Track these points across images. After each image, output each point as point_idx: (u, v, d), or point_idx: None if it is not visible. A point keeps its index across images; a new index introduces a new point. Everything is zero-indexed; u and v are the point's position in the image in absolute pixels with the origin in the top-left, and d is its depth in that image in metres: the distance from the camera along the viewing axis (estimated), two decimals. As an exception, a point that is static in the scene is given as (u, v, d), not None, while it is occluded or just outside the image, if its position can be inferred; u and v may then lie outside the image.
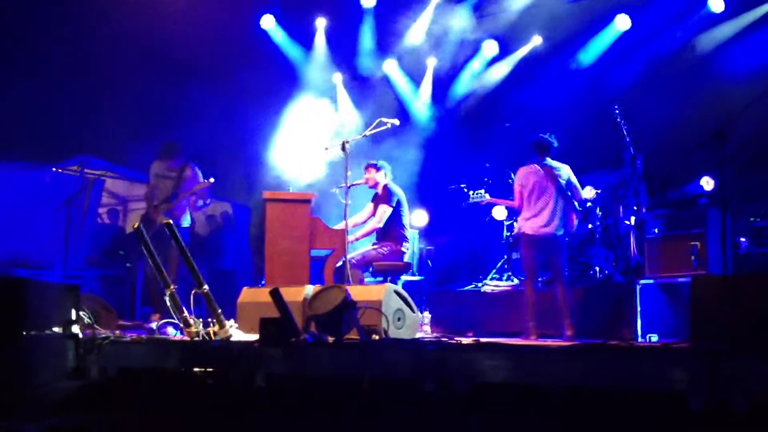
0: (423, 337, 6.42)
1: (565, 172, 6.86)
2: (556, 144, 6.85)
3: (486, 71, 10.67)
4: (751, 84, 7.85)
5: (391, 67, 10.79)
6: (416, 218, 9.60)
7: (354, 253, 7.50)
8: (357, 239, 7.62)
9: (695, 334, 4.55)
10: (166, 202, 7.93)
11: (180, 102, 9.69)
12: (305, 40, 10.94)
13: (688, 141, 5.62)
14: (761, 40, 8.47)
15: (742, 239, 7.14)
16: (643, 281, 6.71)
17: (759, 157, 7.94)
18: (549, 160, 6.84)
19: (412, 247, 8.06)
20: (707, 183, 7.62)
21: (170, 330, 6.38)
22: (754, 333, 4.24)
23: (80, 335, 5.37)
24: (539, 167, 6.81)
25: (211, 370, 5.29)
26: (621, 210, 7.32)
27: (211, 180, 7.97)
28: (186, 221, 8.08)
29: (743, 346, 4.16)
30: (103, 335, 5.73)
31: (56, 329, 5.10)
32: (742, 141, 7.43)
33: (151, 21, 9.67)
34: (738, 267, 6.96)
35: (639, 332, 6.34)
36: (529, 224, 6.81)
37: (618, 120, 6.36)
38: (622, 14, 9.46)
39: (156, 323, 6.74)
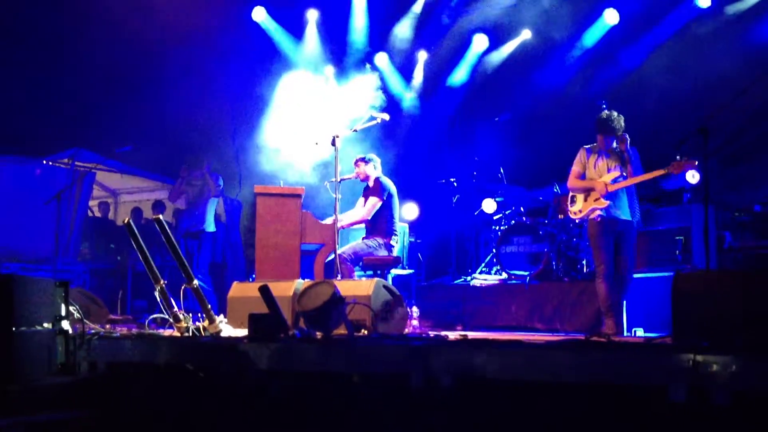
0: (411, 332, 6.48)
1: None
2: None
3: (476, 65, 10.70)
4: (734, 79, 7.90)
5: (381, 61, 10.81)
6: (406, 212, 9.65)
7: (344, 247, 7.54)
8: (343, 227, 7.62)
9: (678, 328, 4.60)
10: (193, 206, 9.05)
11: (172, 96, 9.68)
12: (297, 32, 10.93)
13: (673, 135, 5.67)
14: (744, 34, 8.52)
15: (726, 234, 7.22)
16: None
17: (743, 152, 8.01)
18: None
19: (401, 241, 8.11)
20: (692, 177, 7.67)
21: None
22: (736, 328, 4.30)
23: (70, 331, 5.40)
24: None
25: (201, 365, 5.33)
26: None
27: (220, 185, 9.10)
28: (210, 226, 9.08)
29: (725, 341, 4.22)
30: (93, 330, 5.77)
31: (46, 325, 5.12)
32: (727, 136, 7.50)
33: (143, 14, 9.65)
34: (722, 262, 7.04)
35: (625, 326, 6.41)
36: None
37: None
38: (611, 8, 9.50)
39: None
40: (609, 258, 6.10)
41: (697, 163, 5.83)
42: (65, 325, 5.33)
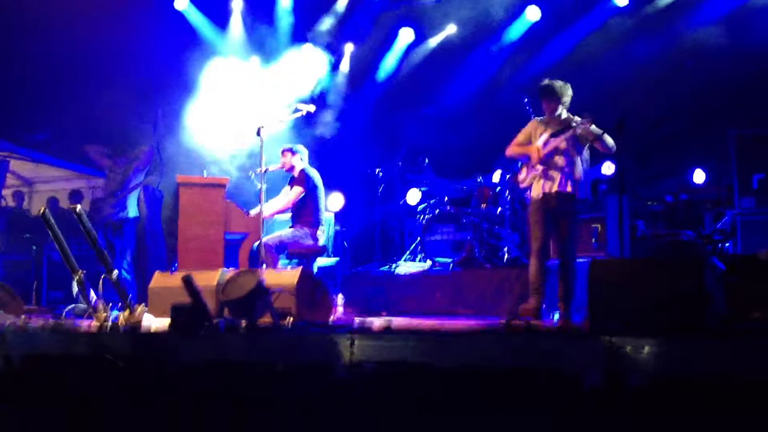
0: (336, 320, 6.51)
1: None
2: None
3: (403, 58, 10.78)
4: (650, 75, 8.22)
5: (307, 51, 10.76)
6: (332, 201, 9.66)
7: (269, 236, 7.50)
8: (266, 217, 7.58)
9: (593, 314, 4.76)
10: (112, 196, 8.80)
11: (90, 83, 9.40)
12: (221, 22, 10.77)
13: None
14: (661, 32, 8.84)
15: (640, 222, 7.51)
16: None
17: (656, 144, 8.33)
18: None
19: (327, 230, 8.12)
20: (608, 168, 7.96)
21: None
22: (649, 313, 4.48)
23: (-18, 323, 5.22)
24: None
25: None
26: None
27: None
28: (132, 211, 8.89)
29: (639, 326, 4.39)
30: (8, 323, 5.59)
31: (-43, 317, 4.95)
32: (641, 129, 7.78)
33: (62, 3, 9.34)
34: (635, 249, 7.32)
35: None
36: None
37: (527, 109, 6.55)
38: (533, 6, 9.70)
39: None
40: (542, 235, 5.97)
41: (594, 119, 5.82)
42: (-22, 317, 5.16)
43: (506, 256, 7.92)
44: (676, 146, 8.41)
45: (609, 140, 5.90)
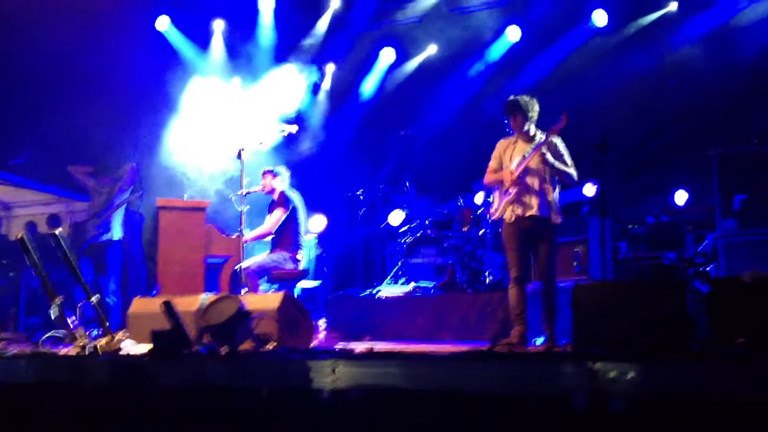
0: (318, 345, 6.45)
1: None
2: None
3: (384, 78, 10.80)
4: (631, 96, 8.26)
5: (288, 72, 10.76)
6: (313, 223, 9.62)
7: (250, 260, 7.45)
8: (246, 241, 7.52)
9: (577, 337, 4.76)
10: (96, 217, 8.46)
11: (69, 107, 9.34)
12: (202, 43, 10.75)
13: (573, 150, 5.85)
14: (642, 51, 8.92)
15: (622, 244, 7.52)
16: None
17: (638, 166, 8.37)
18: None
19: (308, 254, 8.08)
20: (589, 189, 7.96)
21: None
22: (632, 336, 4.48)
23: (-42, 351, 5.13)
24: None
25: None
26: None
27: (137, 194, 8.71)
28: (117, 234, 8.53)
29: (622, 348, 4.39)
30: (-16, 350, 5.49)
31: (-69, 345, 4.85)
32: (624, 151, 7.82)
33: (38, 20, 9.28)
34: (617, 271, 7.33)
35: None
36: None
37: (507, 130, 6.55)
38: (513, 25, 9.77)
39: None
40: (518, 261, 5.72)
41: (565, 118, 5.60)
42: (-48, 345, 5.07)
43: (488, 279, 7.91)
44: (659, 166, 8.45)
45: (568, 171, 5.71)
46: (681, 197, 8.16)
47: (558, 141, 5.76)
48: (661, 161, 8.49)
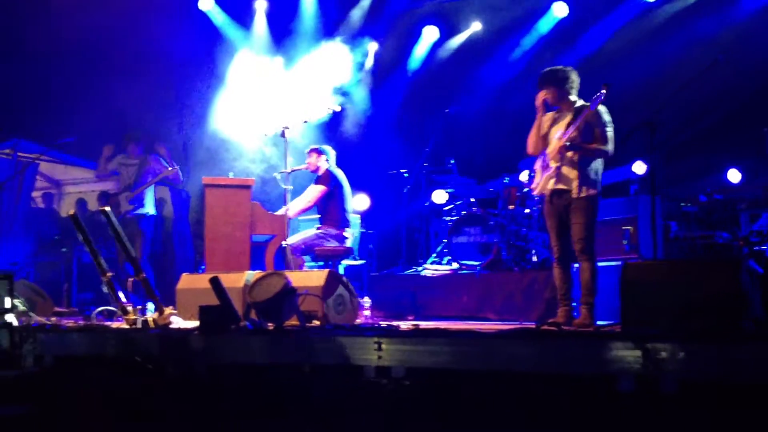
0: (363, 323, 6.47)
1: None
2: None
3: (427, 56, 10.72)
4: (681, 72, 8.05)
5: (331, 50, 10.74)
6: (357, 202, 9.63)
7: (295, 237, 7.48)
8: (290, 218, 7.51)
9: (626, 317, 4.69)
10: (128, 190, 8.34)
11: (116, 86, 9.46)
12: (245, 22, 10.79)
13: (620, 127, 5.73)
14: (691, 27, 8.70)
15: (672, 223, 7.37)
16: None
17: (688, 143, 8.18)
18: None
19: (354, 232, 8.10)
20: (639, 167, 7.81)
21: None
22: (683, 316, 4.40)
23: (15, 323, 5.26)
24: None
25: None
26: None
27: (176, 167, 8.41)
28: (150, 209, 8.44)
29: (672, 329, 4.31)
30: (39, 323, 5.64)
31: (-11, 318, 4.99)
32: (673, 128, 7.64)
33: (83, 1, 9.41)
34: (668, 251, 7.19)
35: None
36: None
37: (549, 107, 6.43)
38: (560, 1, 9.60)
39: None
40: (558, 240, 5.58)
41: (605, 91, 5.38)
42: (10, 318, 5.21)
43: (534, 258, 7.83)
44: (710, 144, 8.25)
45: (602, 148, 5.47)
46: (734, 176, 7.95)
47: (603, 110, 5.58)
48: (712, 139, 8.28)
